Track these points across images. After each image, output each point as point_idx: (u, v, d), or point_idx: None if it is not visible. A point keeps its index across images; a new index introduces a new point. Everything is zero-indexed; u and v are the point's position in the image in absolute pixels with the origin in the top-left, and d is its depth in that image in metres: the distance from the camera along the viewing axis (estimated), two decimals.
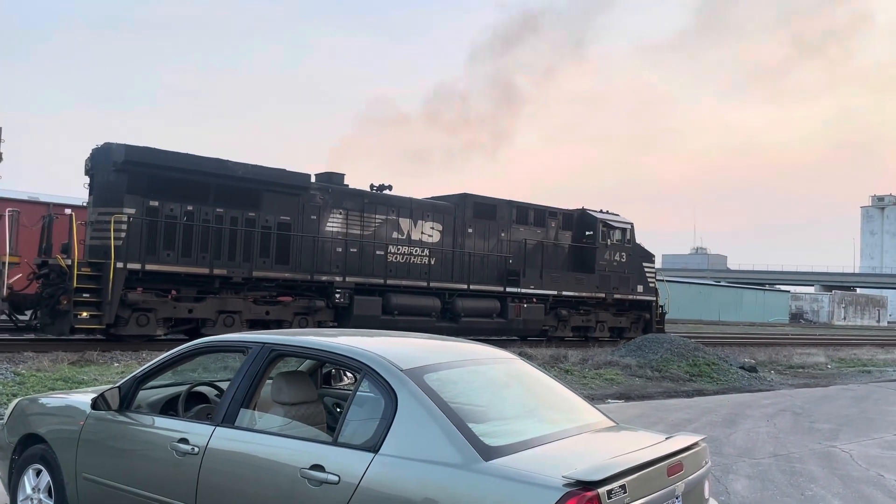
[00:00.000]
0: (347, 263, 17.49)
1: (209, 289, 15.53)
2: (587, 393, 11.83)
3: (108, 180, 14.71)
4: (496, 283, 20.16)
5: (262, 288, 16.29)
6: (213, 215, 15.53)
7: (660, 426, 8.75)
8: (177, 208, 15.08)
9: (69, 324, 13.86)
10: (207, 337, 4.62)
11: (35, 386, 9.25)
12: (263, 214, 16.23)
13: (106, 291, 13.98)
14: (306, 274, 16.70)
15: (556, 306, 21.64)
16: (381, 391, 3.36)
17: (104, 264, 14.08)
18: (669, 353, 16.59)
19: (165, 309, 14.97)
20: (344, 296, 17.23)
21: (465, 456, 3.01)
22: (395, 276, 18.29)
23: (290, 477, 3.31)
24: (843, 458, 7.95)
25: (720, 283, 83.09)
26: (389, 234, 18.45)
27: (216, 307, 15.54)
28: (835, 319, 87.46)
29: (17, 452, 4.64)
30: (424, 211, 19.30)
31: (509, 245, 20.67)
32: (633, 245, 23.66)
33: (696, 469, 3.46)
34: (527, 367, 4.20)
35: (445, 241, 19.50)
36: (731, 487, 6.41)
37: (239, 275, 15.68)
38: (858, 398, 13.63)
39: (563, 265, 22.02)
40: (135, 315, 14.56)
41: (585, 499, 2.73)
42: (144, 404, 4.32)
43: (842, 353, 25.15)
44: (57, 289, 14.06)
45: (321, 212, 17.25)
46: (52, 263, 14.29)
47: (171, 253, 14.96)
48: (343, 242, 17.51)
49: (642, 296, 23.85)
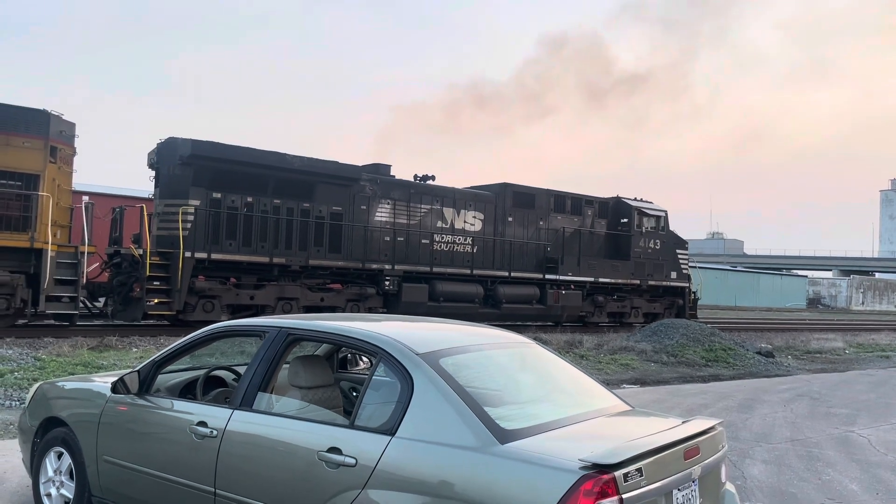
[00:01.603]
0: (395, 252, 18.01)
1: (268, 277, 16.07)
2: (602, 378, 11.82)
3: (173, 173, 15.33)
4: (535, 271, 20.61)
5: (317, 276, 16.83)
6: (270, 206, 16.10)
7: (675, 411, 8.74)
8: (237, 200, 15.70)
9: (142, 310, 14.49)
10: (224, 322, 4.65)
11: (55, 371, 9.37)
12: (317, 205, 16.80)
13: (175, 279, 14.60)
14: (358, 262, 17.26)
15: (592, 293, 22.05)
16: (398, 375, 3.37)
17: (172, 254, 14.69)
18: (685, 338, 16.53)
19: (229, 296, 15.55)
20: (393, 283, 17.75)
21: (482, 439, 3.01)
22: (439, 263, 18.83)
23: (308, 459, 3.34)
24: (860, 443, 7.90)
25: (736, 267, 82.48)
26: (434, 223, 18.98)
27: (275, 294, 16.06)
28: (853, 304, 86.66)
29: (39, 435, 4.71)
30: (466, 200, 19.78)
31: (547, 233, 21.13)
32: (667, 232, 24.02)
33: (712, 453, 3.45)
34: (542, 351, 4.21)
35: (487, 230, 19.99)
36: (747, 472, 6.40)
37: (296, 263, 16.24)
38: (876, 383, 13.53)
39: (599, 252, 22.43)
40: (201, 302, 15.14)
41: (602, 482, 2.73)
42: (163, 388, 4.37)
43: (860, 338, 24.95)
44: (129, 277, 14.69)
45: (370, 202, 17.82)
46: (124, 253, 14.99)
47: (232, 242, 15.58)
48: (391, 231, 18.05)
49: (676, 282, 24.24)
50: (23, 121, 13.14)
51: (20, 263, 12.99)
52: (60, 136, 13.71)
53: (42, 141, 13.27)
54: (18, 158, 13.01)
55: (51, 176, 13.32)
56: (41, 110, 13.47)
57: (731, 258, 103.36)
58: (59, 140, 13.65)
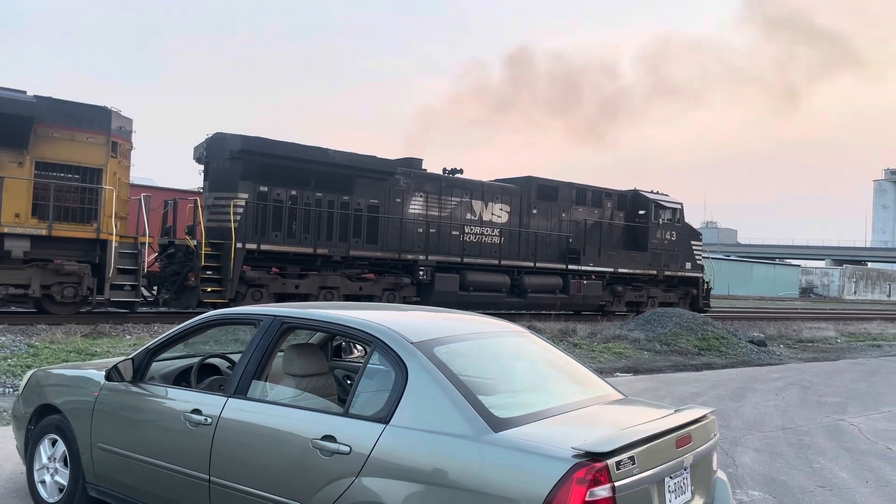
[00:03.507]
0: (428, 243, 18.66)
1: (310, 266, 16.72)
2: (596, 367, 11.87)
3: (223, 167, 16.01)
4: (558, 261, 21.28)
5: (357, 266, 17.52)
6: (313, 199, 16.78)
7: (668, 399, 8.79)
8: (283, 193, 16.38)
9: (196, 298, 15.07)
10: (219, 309, 4.65)
11: (49, 358, 9.35)
12: (356, 198, 17.45)
13: (227, 269, 15.26)
14: (394, 253, 17.91)
15: (612, 283, 22.74)
16: (392, 363, 3.38)
17: (223, 244, 15.37)
18: (678, 326, 16.59)
19: (276, 285, 16.17)
20: (427, 273, 18.38)
21: (475, 427, 3.03)
22: (469, 254, 19.44)
23: (302, 447, 3.35)
24: (851, 431, 7.97)
25: (730, 256, 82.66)
26: (464, 215, 19.63)
27: (318, 283, 16.68)
28: (845, 294, 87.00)
29: (33, 423, 4.71)
30: (494, 193, 20.39)
31: (569, 225, 21.77)
32: (682, 224, 24.77)
33: (704, 441, 3.48)
34: (536, 340, 4.22)
35: (513, 221, 20.58)
36: (739, 460, 6.45)
37: (338, 254, 16.93)
38: (867, 372, 13.62)
39: (618, 244, 23.06)
40: (250, 290, 15.77)
41: (594, 470, 2.75)
42: (157, 376, 4.37)
43: (851, 327, 25.10)
44: (183, 266, 15.39)
45: (405, 195, 18.44)
46: (178, 244, 15.68)
47: (278, 234, 16.28)
48: (424, 223, 18.73)
49: (690, 272, 24.96)
50: (86, 117, 13.80)
51: (85, 253, 13.74)
52: (120, 131, 14.37)
53: (104, 136, 13.93)
54: (82, 153, 13.69)
55: (112, 170, 14.01)
56: (103, 107, 14.09)
57: (725, 247, 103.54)
58: (119, 136, 14.30)
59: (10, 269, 13.02)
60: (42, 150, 13.30)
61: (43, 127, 13.28)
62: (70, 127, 13.52)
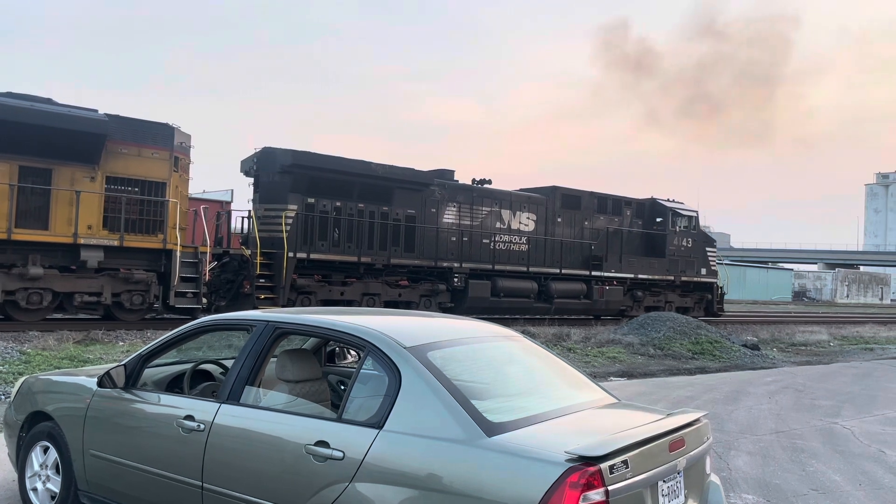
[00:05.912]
0: (462, 251, 19.41)
1: (353, 274, 17.47)
2: (589, 371, 11.88)
3: (273, 180, 16.84)
4: (582, 268, 22.07)
5: (396, 273, 18.27)
6: (356, 210, 17.58)
7: (662, 403, 8.80)
8: (328, 204, 17.18)
9: (251, 305, 15.45)
10: (211, 315, 4.64)
11: (41, 365, 9.31)
12: (394, 208, 18.23)
13: (279, 277, 16.03)
14: (430, 261, 18.73)
15: (632, 288, 23.54)
16: (385, 368, 3.38)
17: (275, 254, 16.16)
18: (672, 331, 16.63)
19: (323, 292, 16.89)
20: (461, 280, 19.19)
21: (469, 432, 3.03)
22: (499, 262, 20.20)
23: (295, 453, 3.34)
24: (844, 434, 7.99)
25: (723, 261, 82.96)
26: (493, 223, 20.39)
27: (361, 290, 17.46)
28: (838, 297, 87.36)
29: (25, 430, 4.68)
30: (521, 202, 21.19)
31: (591, 232, 22.55)
32: (697, 231, 25.63)
33: (697, 445, 3.49)
34: (530, 344, 4.22)
35: (539, 230, 21.38)
36: (732, 464, 6.46)
37: (380, 262, 17.75)
38: (860, 375, 13.66)
39: (637, 250, 23.85)
40: (300, 297, 16.42)
41: (588, 474, 2.75)
42: (150, 382, 4.35)
43: (844, 330, 25.18)
44: (237, 275, 16.29)
45: (439, 205, 19.24)
46: (233, 253, 16.65)
47: (324, 243, 17.06)
48: (457, 232, 19.49)
49: (705, 278, 25.69)
50: (151, 134, 14.62)
51: (151, 263, 14.57)
52: (181, 147, 15.17)
53: (168, 152, 14.77)
54: (148, 168, 14.56)
55: (174, 183, 14.85)
56: (166, 124, 14.87)
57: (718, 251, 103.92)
58: (180, 151, 15.11)
59: (85, 278, 13.78)
60: (112, 165, 14.09)
61: (113, 143, 14.03)
62: (137, 143, 14.34)
